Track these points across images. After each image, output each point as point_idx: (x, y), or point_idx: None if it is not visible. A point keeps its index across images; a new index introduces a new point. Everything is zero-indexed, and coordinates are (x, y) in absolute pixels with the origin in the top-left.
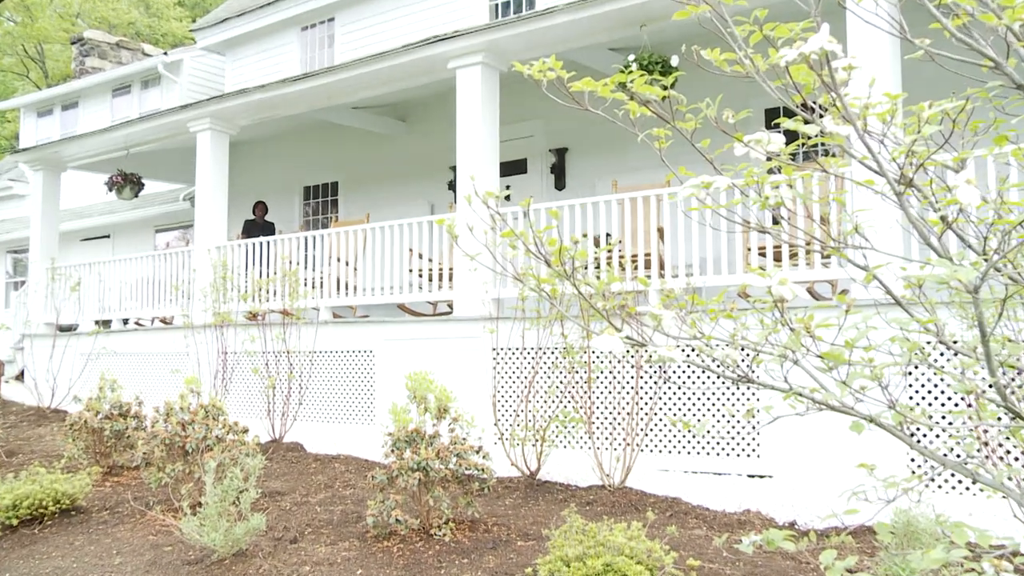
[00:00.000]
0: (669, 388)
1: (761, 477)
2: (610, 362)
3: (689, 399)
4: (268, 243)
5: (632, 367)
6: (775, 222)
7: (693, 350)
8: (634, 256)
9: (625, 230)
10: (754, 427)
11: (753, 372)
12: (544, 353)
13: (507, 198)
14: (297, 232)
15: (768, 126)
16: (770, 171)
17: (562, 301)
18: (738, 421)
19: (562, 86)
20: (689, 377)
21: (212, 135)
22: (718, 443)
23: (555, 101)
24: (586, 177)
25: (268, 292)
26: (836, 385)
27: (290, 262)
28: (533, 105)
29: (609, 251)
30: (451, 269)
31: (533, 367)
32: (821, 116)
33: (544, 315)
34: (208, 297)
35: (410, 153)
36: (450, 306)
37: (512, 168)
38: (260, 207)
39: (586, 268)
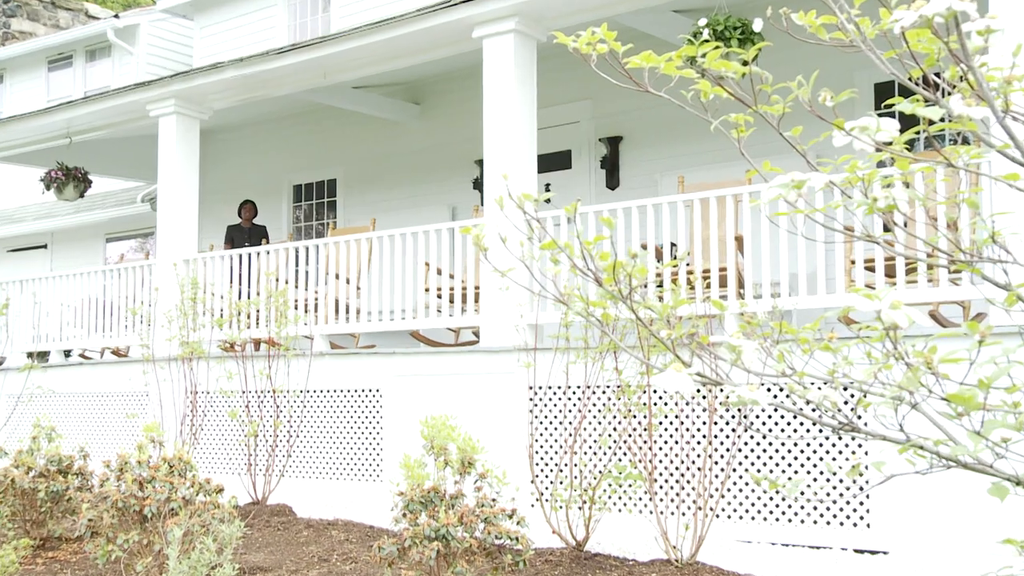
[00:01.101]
0: (752, 438)
1: (872, 553)
2: (676, 404)
3: (777, 452)
4: (249, 256)
5: (704, 411)
6: (886, 229)
7: (781, 390)
8: (706, 272)
9: (695, 239)
10: (861, 488)
11: (859, 418)
12: (593, 393)
13: (547, 201)
14: (285, 242)
15: (878, 108)
16: (880, 164)
17: (616, 328)
18: (840, 480)
19: (615, 61)
20: (777, 424)
21: (178, 120)
22: (815, 508)
23: (606, 79)
24: (645, 173)
25: (249, 317)
26: (968, 436)
27: (276, 279)
28: (579, 83)
29: (675, 266)
30: (477, 288)
31: (580, 410)
32: (947, 95)
33: (593, 345)
34: (174, 323)
35: (426, 144)
36: (476, 334)
37: (553, 162)
38: (248, 208)
39: (646, 287)
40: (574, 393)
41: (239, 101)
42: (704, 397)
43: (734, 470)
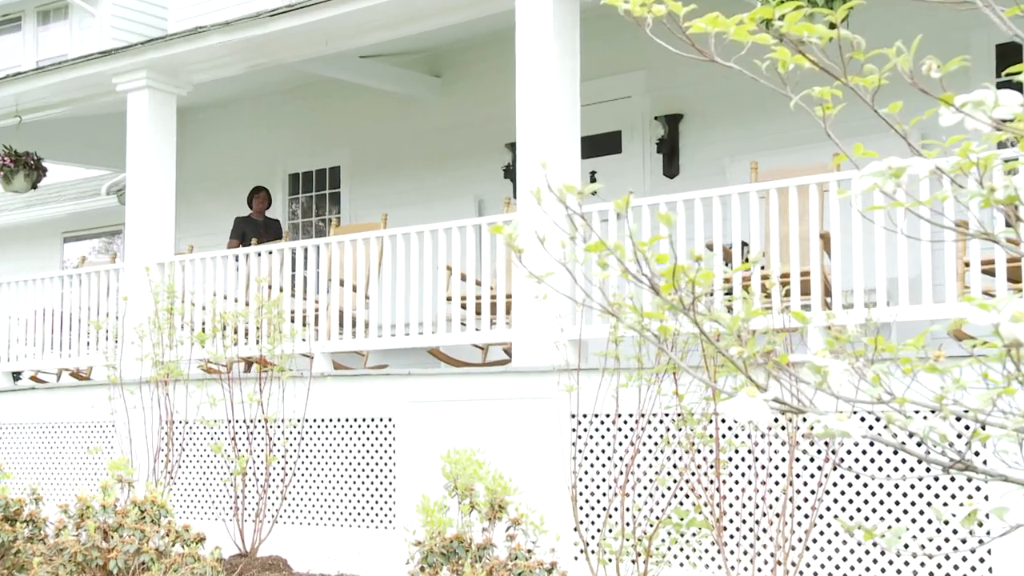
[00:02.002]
0: (842, 478)
1: None
2: (750, 436)
3: (873, 495)
4: (237, 258)
5: (783, 444)
6: (1008, 224)
7: (878, 419)
8: (785, 277)
9: (771, 237)
10: (981, 541)
11: (975, 455)
12: (649, 422)
13: (593, 193)
14: (280, 242)
15: (999, 77)
16: (1000, 146)
17: (675, 345)
18: (954, 531)
19: (675, 25)
20: (873, 461)
21: (152, 96)
22: (921, 564)
23: (664, 47)
24: (710, 158)
25: (237, 332)
26: None
27: (269, 287)
28: (631, 51)
29: (747, 270)
30: (509, 297)
31: (632, 443)
32: None
33: (649, 365)
34: (146, 339)
35: (447, 124)
36: (507, 352)
37: (600, 146)
38: (260, 198)
39: (711, 296)
40: (625, 423)
41: (225, 73)
42: (783, 428)
43: (820, 516)
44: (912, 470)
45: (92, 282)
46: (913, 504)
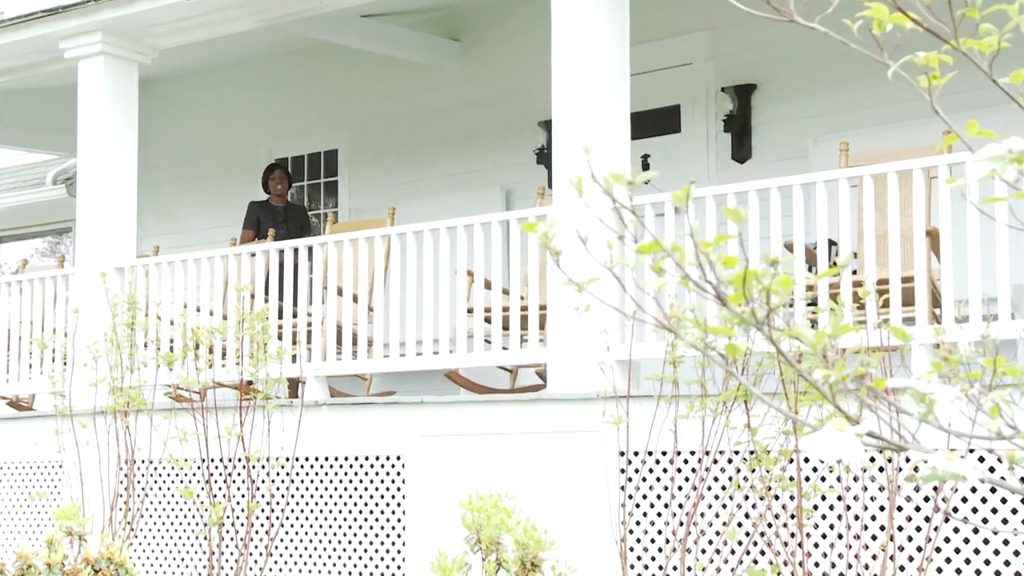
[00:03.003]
0: (956, 531)
1: None
2: (839, 479)
3: (996, 553)
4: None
5: (882, 489)
6: None
7: (1000, 459)
8: (882, 283)
9: (864, 235)
10: None
11: None
12: (715, 462)
13: (647, 183)
14: (264, 242)
15: None
16: None
17: (747, 367)
18: None
19: None
20: (995, 511)
21: (108, 65)
22: None
23: (733, 4)
24: (789, 137)
25: (213, 351)
26: None
27: (252, 296)
28: (692, 9)
29: (835, 274)
30: (543, 309)
31: (695, 487)
32: None
33: (714, 392)
34: (102, 361)
35: (469, 98)
36: (541, 375)
37: (654, 123)
38: (277, 178)
39: (791, 307)
40: (686, 462)
41: (197, 37)
42: (881, 469)
43: None
44: None
45: (35, 291)
46: None
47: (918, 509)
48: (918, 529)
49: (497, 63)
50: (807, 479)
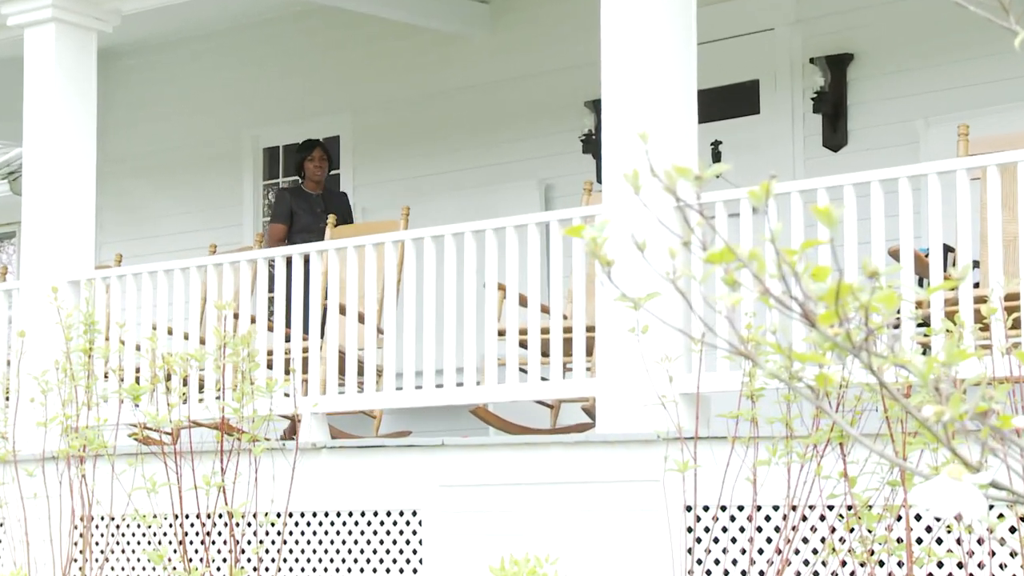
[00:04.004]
0: None
1: None
2: (959, 541)
3: None
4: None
5: (1013, 555)
6: None
7: None
8: (1011, 299)
9: (989, 239)
10: None
11: None
12: (804, 519)
13: (718, 176)
14: (249, 249)
15: None
16: None
17: (842, 402)
18: None
19: None
20: None
21: (60, 33)
22: None
23: None
24: (893, 120)
25: (187, 383)
26: None
27: (236, 315)
28: None
29: (952, 288)
30: (591, 331)
31: (779, 549)
32: None
33: (801, 433)
34: (53, 395)
35: (500, 74)
36: (589, 412)
37: (726, 103)
38: (317, 160)
39: (897, 328)
40: (768, 519)
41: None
42: (1013, 529)
43: None
44: None
45: None
46: None
47: None
48: None
49: (535, 30)
50: (919, 541)
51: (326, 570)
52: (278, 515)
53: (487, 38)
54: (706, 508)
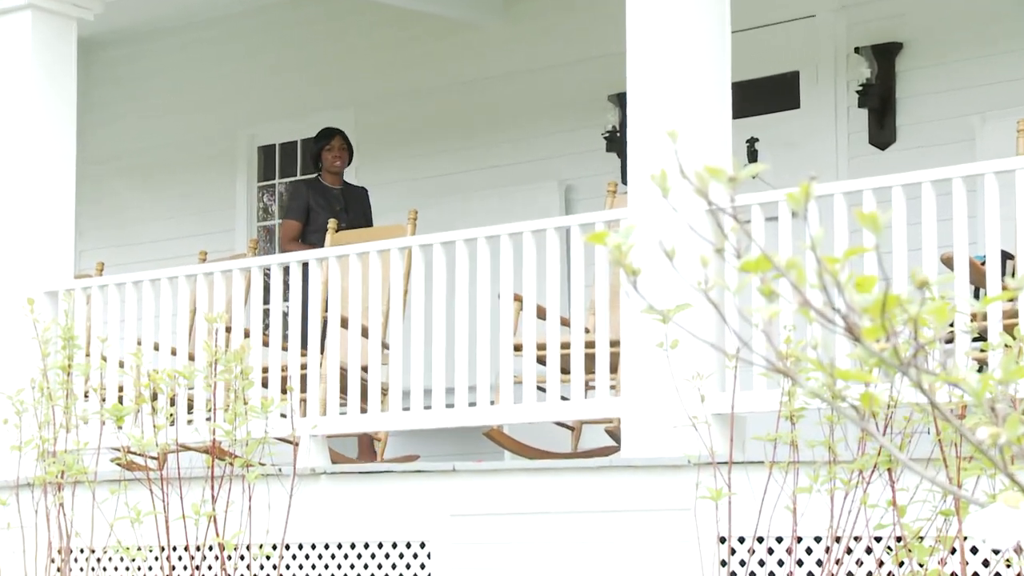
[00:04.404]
0: None
1: None
2: (1016, 572)
3: None
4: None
5: None
6: None
7: None
8: None
9: None
10: None
11: None
12: (848, 551)
13: (754, 178)
14: (243, 257)
15: None
16: None
17: (891, 424)
18: None
19: None
20: None
21: (37, 21)
22: None
23: None
24: (948, 114)
25: (175, 403)
26: None
27: (228, 329)
28: None
29: (1010, 299)
30: (615, 345)
31: None
32: None
33: (847, 457)
34: (29, 416)
35: (516, 65)
36: (613, 434)
37: (763, 96)
38: (336, 150)
39: (949, 343)
40: (809, 551)
41: None
42: None
43: None
44: None
45: None
46: None
47: None
48: None
49: (553, 17)
50: (976, 575)
51: None
52: (274, 547)
53: (501, 26)
54: (741, 540)
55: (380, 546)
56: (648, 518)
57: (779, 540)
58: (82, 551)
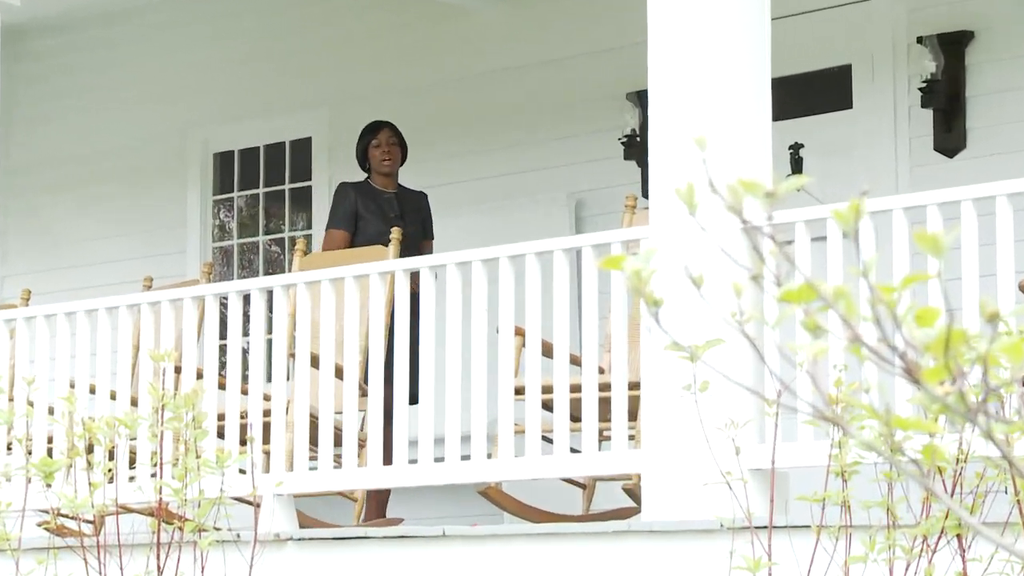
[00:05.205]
0: None
1: None
2: None
3: None
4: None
5: None
6: None
7: None
8: None
9: None
10: None
11: None
12: None
13: (798, 191)
14: (194, 284)
15: None
16: None
17: (959, 481)
18: None
19: None
20: None
21: None
22: None
23: None
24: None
25: (115, 456)
26: None
27: (178, 369)
28: None
29: None
30: (634, 388)
31: None
32: None
33: (908, 521)
34: None
35: (518, 58)
36: (632, 493)
37: (809, 95)
38: (385, 144)
39: None
40: None
41: None
42: None
43: None
44: None
45: None
46: None
47: None
48: None
49: (564, 3)
50: None
51: None
52: None
53: (502, 13)
54: None
55: None
56: None
57: None
58: None
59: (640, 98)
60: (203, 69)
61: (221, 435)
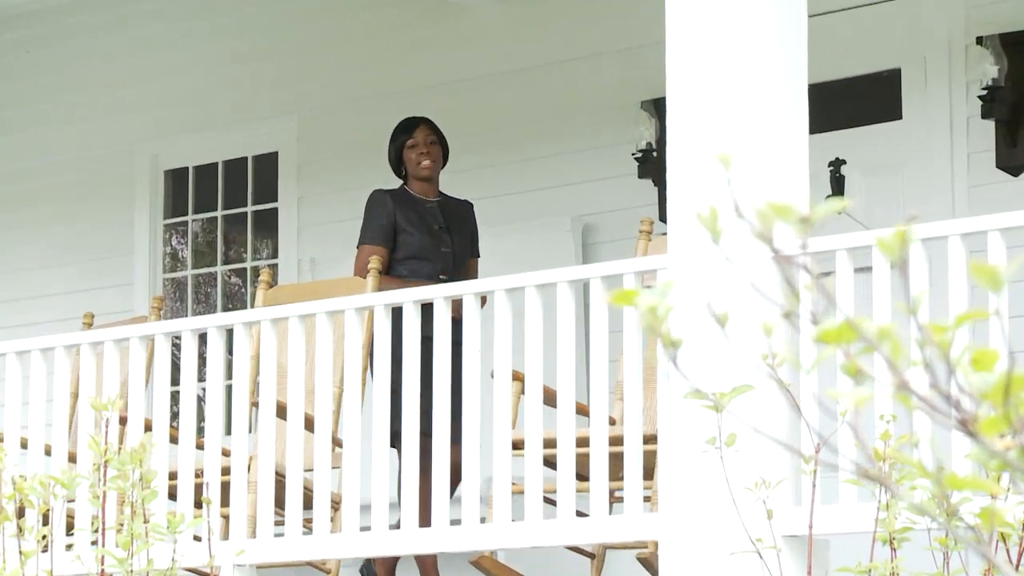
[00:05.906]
0: None
1: None
2: None
3: None
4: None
5: None
6: None
7: None
8: None
9: None
10: None
11: None
12: None
13: (840, 213)
14: (141, 322)
15: None
16: None
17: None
18: None
19: None
20: None
21: None
22: None
23: None
24: None
25: (49, 520)
26: None
27: (123, 420)
28: None
29: None
30: (650, 442)
31: None
32: None
33: None
34: None
35: (514, 64)
36: (647, 564)
37: (851, 103)
38: (422, 143)
39: None
40: None
41: None
42: None
43: None
44: None
45: None
46: None
47: None
48: None
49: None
50: None
51: None
52: None
53: (499, 10)
54: None
55: None
56: None
57: None
58: None
59: (657, 107)
60: (150, 77)
61: (173, 496)
